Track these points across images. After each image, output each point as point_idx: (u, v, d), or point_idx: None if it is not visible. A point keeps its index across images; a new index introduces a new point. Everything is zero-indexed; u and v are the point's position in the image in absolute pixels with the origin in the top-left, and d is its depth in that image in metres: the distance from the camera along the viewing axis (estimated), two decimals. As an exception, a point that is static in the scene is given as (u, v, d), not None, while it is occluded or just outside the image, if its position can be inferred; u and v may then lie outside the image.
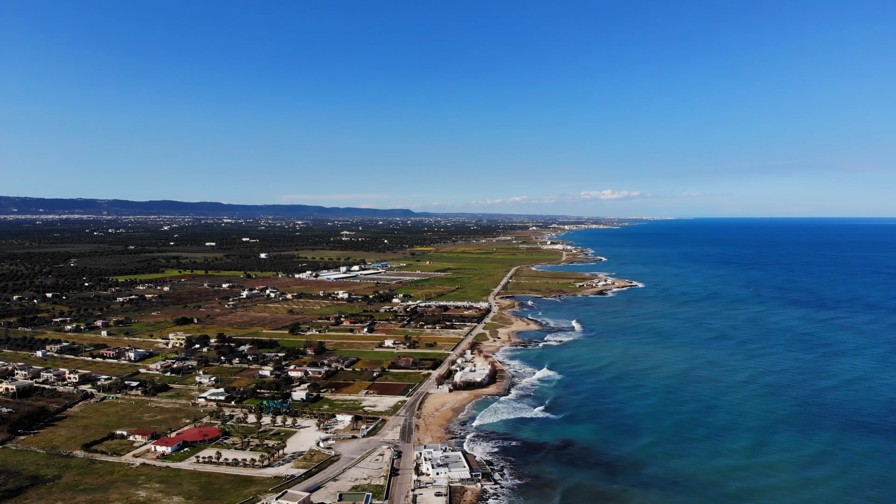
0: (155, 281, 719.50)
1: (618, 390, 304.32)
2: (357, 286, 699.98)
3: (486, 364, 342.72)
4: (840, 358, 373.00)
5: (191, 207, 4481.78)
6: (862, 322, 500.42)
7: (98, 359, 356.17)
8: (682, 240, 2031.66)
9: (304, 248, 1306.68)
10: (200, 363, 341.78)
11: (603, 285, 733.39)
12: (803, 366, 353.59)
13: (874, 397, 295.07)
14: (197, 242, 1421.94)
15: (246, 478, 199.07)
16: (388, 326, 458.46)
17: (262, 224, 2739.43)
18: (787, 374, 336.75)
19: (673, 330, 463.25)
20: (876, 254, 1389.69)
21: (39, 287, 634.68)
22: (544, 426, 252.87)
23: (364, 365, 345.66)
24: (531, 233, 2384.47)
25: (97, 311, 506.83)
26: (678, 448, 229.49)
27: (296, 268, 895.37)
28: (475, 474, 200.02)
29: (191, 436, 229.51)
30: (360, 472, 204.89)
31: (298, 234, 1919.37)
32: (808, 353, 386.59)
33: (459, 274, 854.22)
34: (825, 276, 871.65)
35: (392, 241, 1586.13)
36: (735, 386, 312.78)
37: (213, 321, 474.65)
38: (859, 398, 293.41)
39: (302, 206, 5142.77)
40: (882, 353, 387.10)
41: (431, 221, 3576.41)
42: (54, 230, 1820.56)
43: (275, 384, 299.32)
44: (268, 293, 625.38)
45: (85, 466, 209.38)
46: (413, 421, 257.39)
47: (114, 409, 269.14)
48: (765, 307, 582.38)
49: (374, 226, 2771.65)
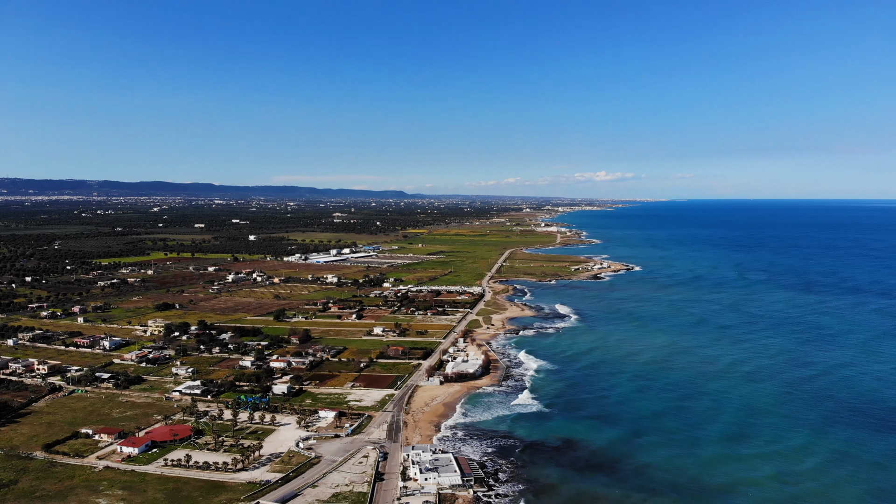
0: (139, 264, 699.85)
1: (617, 383, 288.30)
2: (347, 270, 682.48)
3: (480, 354, 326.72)
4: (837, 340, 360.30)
5: (182, 189, 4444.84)
6: (846, 306, 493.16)
7: (71, 348, 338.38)
8: (676, 222, 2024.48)
9: (294, 231, 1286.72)
10: (178, 353, 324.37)
11: (598, 269, 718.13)
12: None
13: (855, 387, 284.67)
14: (186, 224, 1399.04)
15: (217, 483, 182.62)
16: (378, 313, 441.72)
17: (254, 205, 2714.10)
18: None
19: (671, 316, 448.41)
20: (865, 236, 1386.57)
21: (20, 271, 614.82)
22: (541, 423, 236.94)
23: (351, 354, 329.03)
24: (525, 215, 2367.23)
25: (76, 297, 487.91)
26: (686, 450, 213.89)
27: (285, 250, 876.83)
28: (467, 480, 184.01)
29: (160, 435, 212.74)
30: (342, 476, 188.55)
31: (290, 215, 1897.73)
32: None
33: (452, 257, 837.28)
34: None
35: (384, 223, 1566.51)
36: (746, 379, 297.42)
37: (195, 307, 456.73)
38: (844, 387, 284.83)
39: (294, 188, 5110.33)
40: (864, 340, 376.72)
41: (425, 203, 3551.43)
42: (42, 212, 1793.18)
43: (255, 376, 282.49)
44: (254, 277, 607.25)
45: (44, 470, 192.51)
46: (401, 417, 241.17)
47: (82, 405, 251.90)
48: (751, 290, 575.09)
49: (367, 207, 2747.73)
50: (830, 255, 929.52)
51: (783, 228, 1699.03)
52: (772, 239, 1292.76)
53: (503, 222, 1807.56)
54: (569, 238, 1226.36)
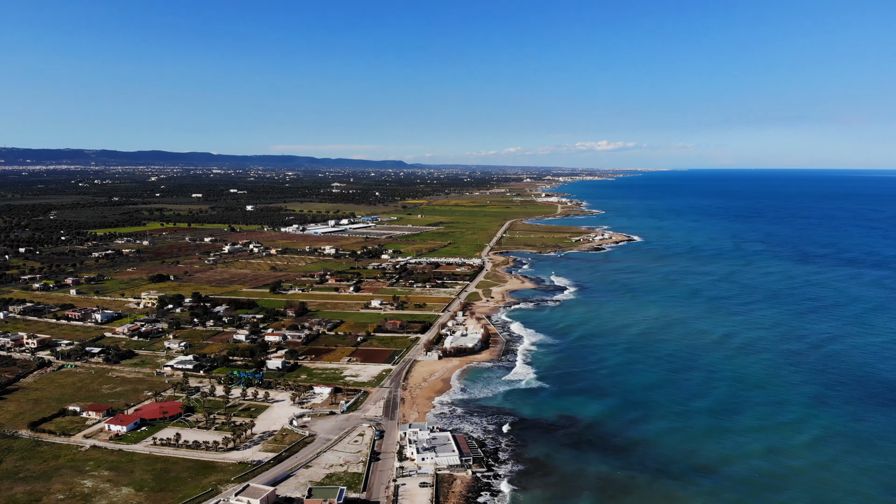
0: (135, 234, 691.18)
1: (619, 358, 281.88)
2: (345, 241, 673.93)
3: (479, 327, 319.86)
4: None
5: (180, 158, 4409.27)
6: (842, 278, 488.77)
7: (62, 321, 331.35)
8: (677, 192, 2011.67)
9: (292, 201, 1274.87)
10: (171, 326, 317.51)
11: (600, 240, 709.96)
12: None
13: (849, 360, 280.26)
14: (183, 194, 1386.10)
15: (207, 464, 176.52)
16: (376, 285, 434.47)
17: (252, 175, 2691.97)
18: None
19: (674, 287, 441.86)
20: (864, 206, 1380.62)
21: (14, 241, 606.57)
22: (542, 399, 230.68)
23: (348, 328, 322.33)
24: (525, 185, 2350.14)
25: (69, 268, 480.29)
26: (690, 426, 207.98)
27: (282, 221, 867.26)
28: (465, 459, 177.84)
29: (150, 412, 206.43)
30: (337, 456, 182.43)
31: (288, 185, 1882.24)
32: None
33: (452, 228, 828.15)
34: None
35: (383, 193, 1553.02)
36: (745, 352, 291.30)
37: (190, 278, 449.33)
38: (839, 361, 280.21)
39: (293, 157, 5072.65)
40: (859, 313, 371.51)
41: (424, 173, 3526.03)
42: (39, 181, 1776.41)
43: (249, 351, 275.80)
44: (251, 248, 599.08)
45: (29, 449, 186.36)
46: (398, 393, 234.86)
47: (71, 380, 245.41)
48: (747, 260, 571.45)
49: (366, 177, 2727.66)
50: (829, 226, 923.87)
51: (783, 199, 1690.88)
52: (770, 209, 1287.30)
53: (503, 192, 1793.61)
54: (569, 208, 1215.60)
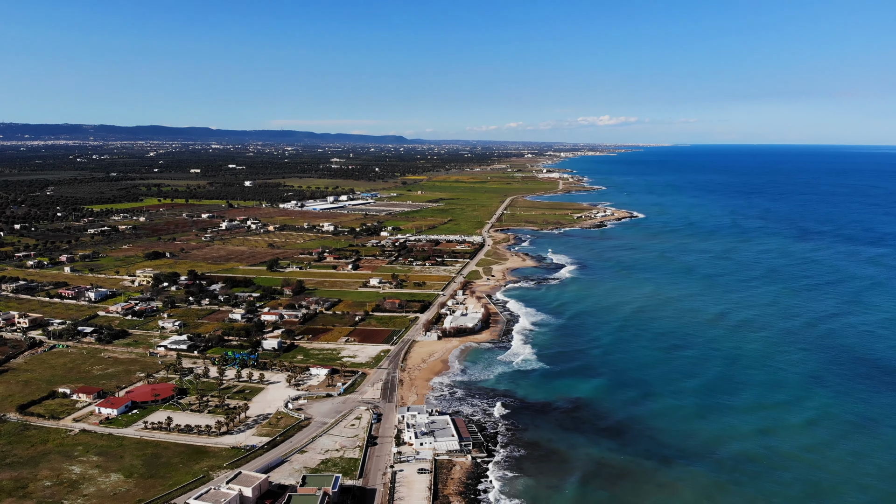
0: (132, 211, 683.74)
1: (622, 337, 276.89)
2: (344, 217, 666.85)
3: (479, 307, 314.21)
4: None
5: (179, 133, 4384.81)
6: (840, 255, 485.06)
7: (56, 299, 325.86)
8: (678, 168, 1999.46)
9: (291, 176, 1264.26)
10: (166, 304, 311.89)
11: (602, 216, 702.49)
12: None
13: (844, 339, 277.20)
14: (182, 169, 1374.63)
15: (199, 449, 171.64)
16: (375, 263, 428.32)
17: (251, 150, 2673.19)
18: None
19: (678, 264, 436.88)
20: (863, 182, 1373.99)
21: (10, 218, 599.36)
22: (543, 381, 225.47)
23: (346, 307, 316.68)
24: (526, 160, 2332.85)
25: (65, 245, 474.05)
26: (695, 409, 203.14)
27: (281, 197, 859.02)
28: (465, 444, 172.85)
29: (141, 395, 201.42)
30: (332, 440, 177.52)
31: (287, 160, 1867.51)
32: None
33: (452, 205, 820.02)
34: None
35: (383, 169, 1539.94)
36: (742, 330, 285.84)
37: (186, 255, 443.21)
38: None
39: (292, 132, 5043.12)
40: (855, 290, 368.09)
41: (424, 149, 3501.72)
42: (37, 157, 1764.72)
43: (244, 330, 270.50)
44: (249, 224, 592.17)
45: (17, 433, 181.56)
46: (397, 375, 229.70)
47: (62, 361, 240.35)
48: (745, 237, 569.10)
49: (366, 153, 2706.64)
50: (828, 203, 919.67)
51: (783, 174, 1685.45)
52: (771, 185, 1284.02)
53: (504, 168, 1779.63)
54: (571, 184, 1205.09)
